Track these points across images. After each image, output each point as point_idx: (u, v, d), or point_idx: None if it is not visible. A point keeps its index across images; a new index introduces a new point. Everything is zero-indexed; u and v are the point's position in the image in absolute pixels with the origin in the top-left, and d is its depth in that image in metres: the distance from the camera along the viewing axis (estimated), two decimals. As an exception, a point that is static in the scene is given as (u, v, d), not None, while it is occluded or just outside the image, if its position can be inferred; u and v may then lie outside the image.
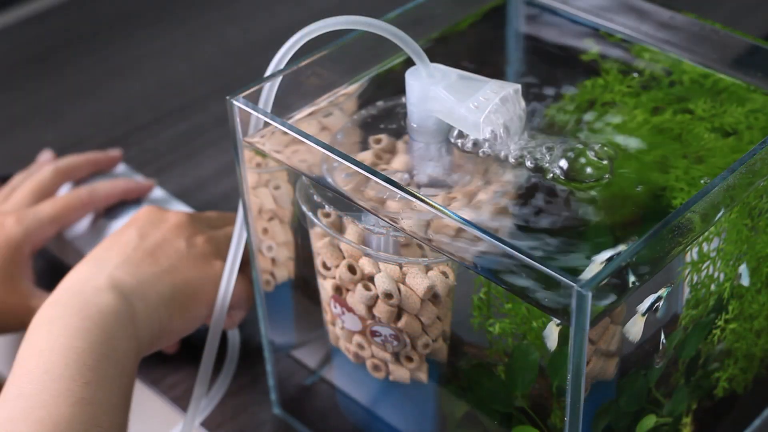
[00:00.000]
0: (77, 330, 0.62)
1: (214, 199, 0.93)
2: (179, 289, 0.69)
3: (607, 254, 0.55)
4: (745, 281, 0.62)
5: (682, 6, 0.69)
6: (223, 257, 0.72)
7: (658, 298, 0.55)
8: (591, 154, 0.61)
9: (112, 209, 0.83)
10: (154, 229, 0.71)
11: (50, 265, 0.84)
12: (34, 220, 0.78)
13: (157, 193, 0.86)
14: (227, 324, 0.74)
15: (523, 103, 0.61)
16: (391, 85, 0.66)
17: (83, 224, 0.83)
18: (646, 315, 0.55)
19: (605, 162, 0.61)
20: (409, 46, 0.60)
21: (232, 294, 0.70)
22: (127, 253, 0.69)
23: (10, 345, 0.82)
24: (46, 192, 0.82)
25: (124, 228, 0.72)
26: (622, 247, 0.55)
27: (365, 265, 0.60)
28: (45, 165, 0.85)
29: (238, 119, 0.62)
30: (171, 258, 0.70)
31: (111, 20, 1.22)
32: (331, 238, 0.61)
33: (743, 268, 0.61)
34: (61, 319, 0.63)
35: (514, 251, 0.51)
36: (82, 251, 0.81)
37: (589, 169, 0.60)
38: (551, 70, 0.71)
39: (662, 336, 0.58)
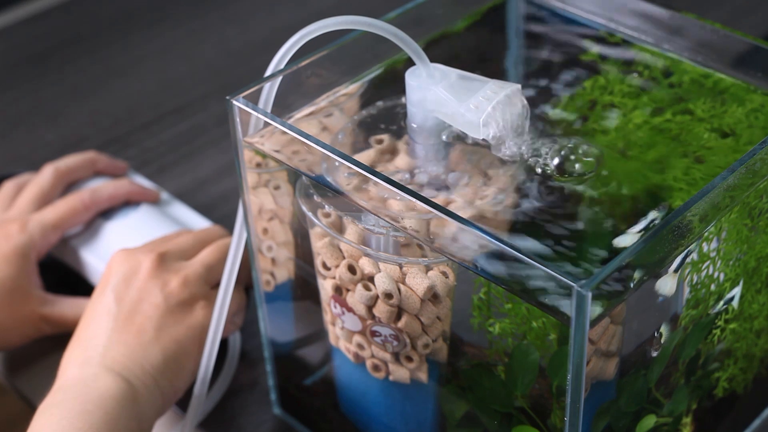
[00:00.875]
0: (78, 413, 0.63)
1: (214, 199, 0.93)
2: (170, 353, 0.69)
3: (643, 223, 0.55)
4: (736, 301, 0.62)
5: (682, 6, 0.69)
6: (202, 296, 0.71)
7: (688, 253, 0.55)
8: (581, 152, 0.61)
9: (108, 209, 0.83)
10: (127, 287, 0.70)
11: (50, 266, 0.84)
12: (38, 227, 0.78)
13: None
14: (229, 329, 0.74)
15: (522, 103, 0.61)
16: (391, 85, 0.66)
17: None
18: (679, 271, 0.55)
19: (591, 159, 0.61)
20: (409, 46, 0.60)
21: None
22: (110, 326, 0.69)
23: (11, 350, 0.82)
24: (48, 196, 0.82)
25: (100, 290, 0.71)
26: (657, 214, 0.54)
27: (365, 265, 0.60)
28: (46, 168, 0.85)
29: (238, 119, 0.62)
30: (152, 320, 0.69)
31: (111, 20, 1.22)
32: (331, 238, 0.61)
33: (736, 291, 0.61)
34: (62, 405, 0.63)
35: (513, 251, 0.51)
36: (78, 251, 0.81)
37: (578, 166, 0.61)
38: (551, 70, 0.71)
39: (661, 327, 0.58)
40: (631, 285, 0.52)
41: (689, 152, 0.63)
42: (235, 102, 0.61)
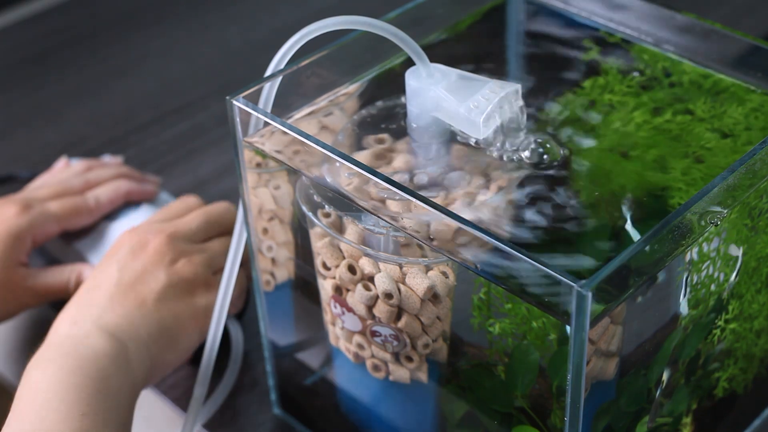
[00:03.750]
0: (72, 368, 0.63)
1: (214, 199, 0.93)
2: (167, 325, 0.69)
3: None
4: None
5: (682, 6, 0.69)
6: (204, 281, 0.72)
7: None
8: (550, 146, 0.61)
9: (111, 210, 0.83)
10: (133, 260, 0.71)
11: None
12: (39, 214, 0.78)
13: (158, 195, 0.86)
14: (230, 310, 0.75)
15: (522, 103, 0.61)
16: (391, 85, 0.66)
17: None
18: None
19: (564, 151, 0.61)
20: (409, 46, 0.60)
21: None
22: (111, 291, 0.69)
23: (7, 341, 0.82)
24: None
25: (104, 262, 0.72)
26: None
27: (365, 265, 0.60)
28: (77, 172, 0.85)
29: (238, 119, 0.62)
30: (153, 292, 0.70)
31: (111, 20, 1.22)
32: (331, 238, 0.61)
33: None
34: (55, 361, 0.64)
35: (514, 251, 0.51)
36: (82, 254, 0.81)
37: (547, 156, 0.61)
38: (551, 70, 0.71)
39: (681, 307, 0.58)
40: (631, 285, 0.52)
41: (689, 152, 0.63)
42: (235, 102, 0.61)
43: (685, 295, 0.58)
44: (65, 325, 0.67)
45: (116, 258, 0.71)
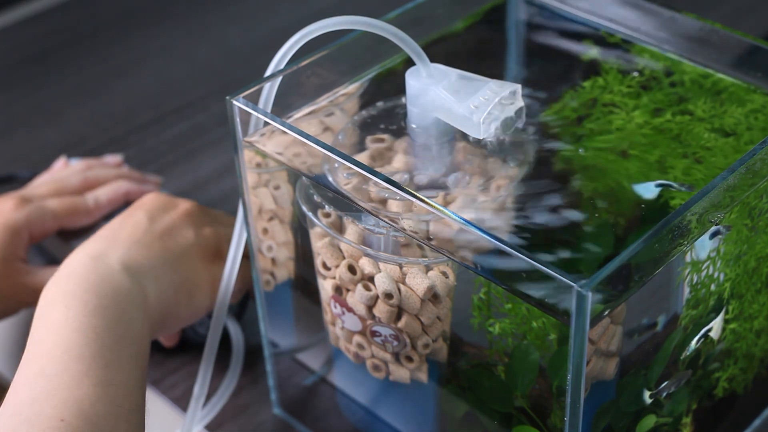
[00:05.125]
0: (95, 308, 0.62)
1: (214, 199, 0.93)
2: (187, 278, 0.69)
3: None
4: (715, 333, 0.62)
5: (682, 6, 0.69)
6: (225, 255, 0.72)
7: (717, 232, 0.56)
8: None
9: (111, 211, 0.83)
10: (163, 213, 0.72)
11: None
12: (36, 209, 0.78)
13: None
14: (235, 296, 0.75)
15: (522, 103, 0.61)
16: (391, 85, 0.66)
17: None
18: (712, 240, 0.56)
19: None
20: (409, 46, 0.60)
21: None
22: (138, 235, 0.69)
23: (7, 341, 0.82)
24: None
25: (132, 210, 0.72)
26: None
27: (365, 265, 0.60)
28: (77, 171, 0.85)
29: (238, 119, 0.62)
30: (180, 245, 0.70)
31: (111, 20, 1.22)
32: (331, 238, 0.61)
33: (717, 321, 0.61)
34: (76, 296, 0.62)
35: (514, 251, 0.51)
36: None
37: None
38: (551, 70, 0.71)
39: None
40: (631, 285, 0.52)
41: (689, 152, 0.63)
42: (235, 102, 0.61)
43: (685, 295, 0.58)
44: (85, 257, 0.66)
45: (146, 208, 0.72)
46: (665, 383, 0.60)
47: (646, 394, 0.59)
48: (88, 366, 0.59)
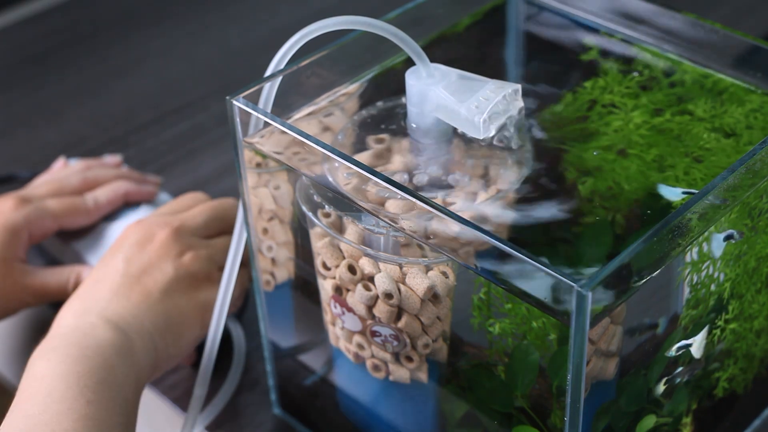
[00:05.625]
0: (77, 357, 0.63)
1: (214, 199, 0.93)
2: (171, 318, 0.69)
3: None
4: (697, 353, 0.61)
5: (682, 6, 0.69)
6: (210, 276, 0.72)
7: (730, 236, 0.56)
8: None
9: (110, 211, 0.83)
10: (140, 252, 0.71)
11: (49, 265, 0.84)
12: (35, 209, 0.78)
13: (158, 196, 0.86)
14: (230, 310, 0.75)
15: (522, 103, 0.61)
16: (391, 85, 0.66)
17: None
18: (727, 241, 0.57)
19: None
20: (409, 46, 0.60)
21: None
22: (117, 283, 0.69)
23: (7, 341, 0.82)
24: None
25: (109, 254, 0.72)
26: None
27: (365, 265, 0.60)
28: (77, 171, 0.85)
29: (238, 119, 0.62)
30: (159, 284, 0.70)
31: (111, 20, 1.22)
32: (331, 238, 0.61)
33: (699, 338, 0.61)
34: (59, 350, 0.63)
35: (514, 251, 0.51)
36: (81, 254, 0.81)
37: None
38: (551, 71, 0.71)
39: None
40: (631, 285, 0.52)
41: (689, 152, 0.63)
42: (235, 102, 0.61)
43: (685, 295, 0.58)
44: (69, 317, 0.67)
45: (122, 250, 0.71)
46: (680, 370, 0.60)
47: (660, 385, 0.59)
48: (69, 405, 0.60)
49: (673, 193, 0.60)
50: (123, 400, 0.63)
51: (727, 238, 0.57)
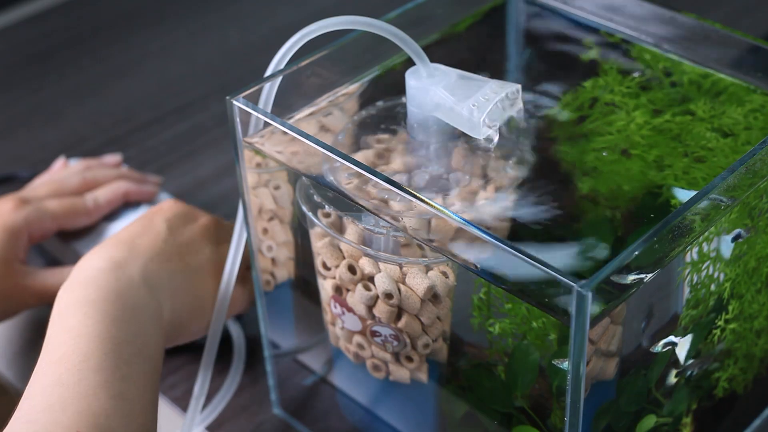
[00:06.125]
0: (115, 319, 0.61)
1: (214, 199, 0.93)
2: (201, 295, 0.69)
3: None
4: (681, 354, 0.61)
5: (682, 6, 0.69)
6: (241, 275, 0.72)
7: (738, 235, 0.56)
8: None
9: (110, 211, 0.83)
10: (183, 225, 0.71)
11: (50, 266, 0.84)
12: (35, 210, 0.78)
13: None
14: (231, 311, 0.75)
15: (522, 103, 0.61)
16: (391, 85, 0.66)
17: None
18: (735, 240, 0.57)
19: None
20: (409, 46, 0.60)
21: (233, 296, 0.71)
22: (159, 245, 0.68)
23: (7, 341, 0.82)
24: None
25: (152, 216, 0.71)
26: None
27: (365, 265, 0.60)
28: (76, 171, 0.85)
29: (238, 119, 0.62)
30: (198, 261, 0.70)
31: (111, 20, 1.22)
32: (331, 238, 0.61)
33: (686, 340, 0.61)
34: (96, 305, 0.61)
35: (514, 251, 0.50)
36: (81, 254, 0.81)
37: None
38: (551, 70, 0.71)
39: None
40: (631, 285, 0.52)
41: (689, 152, 0.63)
42: (235, 102, 0.61)
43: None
44: (105, 262, 0.65)
45: (166, 217, 0.71)
46: (692, 361, 0.60)
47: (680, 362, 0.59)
48: (106, 378, 0.58)
49: (675, 194, 0.60)
50: (153, 371, 0.62)
51: (735, 238, 0.57)
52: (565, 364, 0.52)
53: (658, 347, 0.58)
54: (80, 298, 0.62)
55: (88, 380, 0.58)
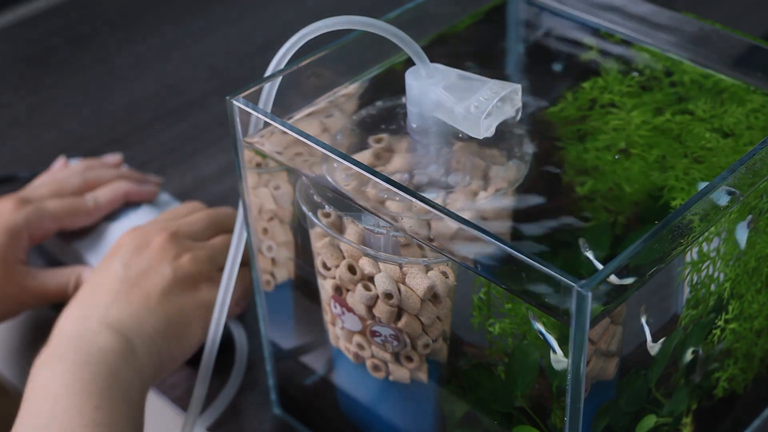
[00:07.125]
0: (80, 365, 0.63)
1: (214, 199, 0.93)
2: (172, 320, 0.69)
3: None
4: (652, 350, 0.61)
5: (682, 6, 0.69)
6: (209, 276, 0.72)
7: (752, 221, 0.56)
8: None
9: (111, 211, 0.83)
10: (137, 256, 0.71)
11: (50, 266, 0.84)
12: (35, 210, 0.78)
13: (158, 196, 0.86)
14: (234, 311, 0.75)
15: (522, 103, 0.61)
16: (391, 85, 0.66)
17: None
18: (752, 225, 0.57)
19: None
20: (409, 46, 0.60)
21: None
22: (115, 288, 0.69)
23: (7, 342, 0.82)
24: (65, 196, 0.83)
25: (106, 260, 0.72)
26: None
27: (365, 265, 0.60)
28: (77, 171, 0.85)
29: (238, 119, 0.62)
30: (158, 287, 0.70)
31: (111, 20, 1.22)
32: (331, 238, 0.61)
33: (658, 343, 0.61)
34: (63, 358, 0.64)
35: (514, 251, 0.51)
36: (82, 254, 0.81)
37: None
38: (551, 70, 0.71)
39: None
40: (631, 285, 0.52)
41: (689, 152, 0.63)
42: (235, 102, 0.61)
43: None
44: (70, 324, 0.67)
45: (119, 255, 0.71)
46: (692, 361, 0.60)
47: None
48: (78, 411, 0.60)
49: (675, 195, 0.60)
50: (129, 404, 0.63)
51: (750, 223, 0.57)
52: (565, 365, 0.52)
53: (658, 347, 0.58)
54: (48, 357, 0.65)
55: (60, 417, 0.61)
